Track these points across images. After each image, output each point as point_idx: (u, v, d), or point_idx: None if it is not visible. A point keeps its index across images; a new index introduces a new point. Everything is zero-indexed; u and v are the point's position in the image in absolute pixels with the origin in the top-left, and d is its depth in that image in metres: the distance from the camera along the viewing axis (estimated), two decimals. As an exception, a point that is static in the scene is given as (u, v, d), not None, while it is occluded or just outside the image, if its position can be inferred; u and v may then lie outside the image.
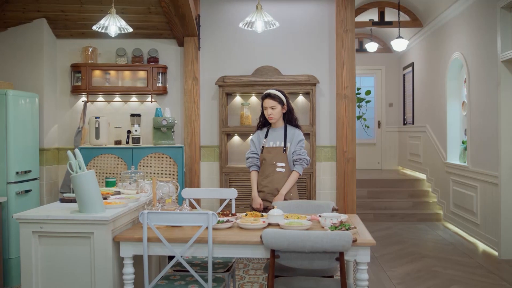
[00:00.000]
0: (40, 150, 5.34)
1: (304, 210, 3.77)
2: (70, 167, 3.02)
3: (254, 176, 4.19)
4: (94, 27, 3.96)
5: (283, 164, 4.09)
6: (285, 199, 4.00)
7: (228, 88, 5.75)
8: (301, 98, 5.86)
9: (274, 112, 4.09)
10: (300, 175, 4.13)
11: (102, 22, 3.88)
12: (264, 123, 4.25)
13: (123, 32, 4.07)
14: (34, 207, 4.26)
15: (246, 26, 3.67)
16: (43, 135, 5.49)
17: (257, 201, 4.09)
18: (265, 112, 4.14)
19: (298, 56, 5.85)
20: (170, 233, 3.07)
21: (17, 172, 4.80)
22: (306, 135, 5.75)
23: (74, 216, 2.95)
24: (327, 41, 5.81)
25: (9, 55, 5.51)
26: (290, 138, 4.12)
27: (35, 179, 5.14)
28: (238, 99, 5.96)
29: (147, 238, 2.93)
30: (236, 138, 5.98)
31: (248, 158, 4.24)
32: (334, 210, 3.67)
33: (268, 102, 4.09)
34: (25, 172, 4.92)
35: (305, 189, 5.62)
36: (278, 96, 4.10)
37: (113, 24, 3.88)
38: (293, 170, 4.11)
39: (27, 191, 4.94)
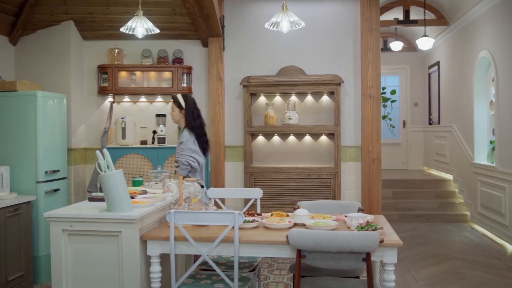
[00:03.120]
0: (68, 150, 5.44)
1: (330, 210, 3.76)
2: (99, 166, 3.06)
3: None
4: (121, 29, 4.02)
5: (176, 164, 4.42)
6: None
7: (252, 88, 5.76)
8: (325, 98, 5.84)
9: (173, 114, 4.46)
10: (183, 176, 4.13)
11: (129, 24, 3.93)
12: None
13: (150, 33, 4.12)
14: (62, 206, 4.35)
15: (272, 26, 3.67)
16: (70, 135, 5.59)
17: None
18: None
19: (323, 55, 5.82)
20: (196, 232, 3.09)
21: (46, 172, 4.89)
22: (331, 135, 5.73)
23: (102, 215, 3.00)
24: (352, 40, 5.77)
25: (38, 57, 5.62)
26: (180, 140, 4.41)
27: (63, 178, 5.23)
28: (262, 99, 5.96)
29: (173, 237, 2.96)
30: (260, 138, 5.99)
31: None
32: (360, 210, 3.65)
33: (171, 104, 4.54)
34: (54, 171, 5.02)
35: (330, 189, 5.60)
36: (178, 100, 4.44)
37: (140, 26, 3.93)
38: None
39: (55, 190, 5.03)
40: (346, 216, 3.22)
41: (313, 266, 2.96)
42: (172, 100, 4.49)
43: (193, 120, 4.41)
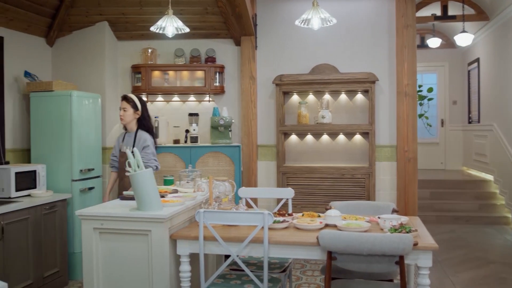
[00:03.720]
0: (102, 149, 5.51)
1: (362, 211, 3.67)
2: (129, 165, 3.07)
3: (112, 176, 4.41)
4: (151, 28, 4.03)
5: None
6: None
7: (285, 87, 5.70)
8: (359, 96, 5.72)
9: (125, 114, 4.22)
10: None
11: (159, 23, 3.94)
12: (125, 126, 4.38)
13: (180, 32, 4.11)
14: (96, 204, 4.41)
15: (303, 23, 3.61)
16: (105, 134, 5.67)
17: (104, 200, 4.34)
18: (119, 113, 4.30)
19: (357, 53, 5.71)
20: (226, 232, 3.06)
21: (81, 170, 4.98)
22: (365, 134, 5.62)
23: (132, 214, 3.01)
24: (387, 37, 5.63)
25: (73, 57, 5.72)
26: (137, 143, 4.19)
27: (98, 176, 5.31)
28: (295, 98, 5.90)
29: (203, 237, 2.94)
30: (293, 137, 5.93)
31: (110, 159, 4.45)
32: (394, 211, 3.55)
33: (122, 103, 4.24)
34: (88, 170, 5.10)
35: (364, 189, 5.48)
36: (133, 100, 4.23)
37: (170, 25, 3.93)
38: None
39: (90, 188, 5.11)
40: (379, 218, 3.13)
41: (345, 268, 2.89)
42: (124, 99, 4.24)
43: (149, 123, 4.32)
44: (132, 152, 3.15)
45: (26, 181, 4.50)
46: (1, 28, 4.87)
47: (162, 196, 3.51)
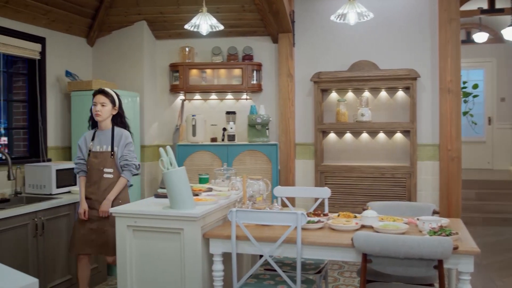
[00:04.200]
0: (141, 147, 5.58)
1: (401, 212, 3.55)
2: (162, 164, 3.07)
3: (82, 181, 3.82)
4: (186, 26, 4.03)
5: (111, 170, 3.75)
6: (112, 206, 3.65)
7: (323, 84, 5.61)
8: (400, 94, 5.55)
9: (103, 110, 3.75)
10: (128, 181, 3.83)
11: (193, 21, 3.93)
12: (94, 123, 3.90)
13: (214, 30, 4.09)
14: (134, 201, 4.45)
15: (338, 18, 3.51)
16: (144, 133, 5.73)
17: (83, 206, 3.71)
18: (93, 108, 3.77)
19: (397, 49, 5.54)
20: (259, 231, 3.02)
21: (120, 168, 5.03)
22: (406, 132, 5.45)
23: (164, 212, 3.00)
24: (429, 32, 5.44)
25: (113, 57, 5.82)
26: (118, 141, 3.79)
27: (136, 174, 5.35)
28: (334, 95, 5.79)
29: (235, 236, 2.91)
30: (332, 136, 5.82)
31: (75, 164, 3.86)
32: (434, 213, 3.41)
33: (99, 98, 3.76)
34: (127, 168, 5.15)
35: (404, 189, 5.32)
36: (111, 94, 3.82)
37: (204, 23, 3.91)
38: (120, 175, 3.78)
39: (129, 186, 5.16)
40: (418, 219, 3.01)
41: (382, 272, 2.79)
42: (102, 94, 3.78)
43: (125, 120, 3.95)
44: (165, 149, 3.15)
45: (67, 178, 4.59)
46: (43, 29, 5.00)
47: (196, 195, 3.50)
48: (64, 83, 5.27)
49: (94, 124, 3.88)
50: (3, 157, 4.33)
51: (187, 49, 5.85)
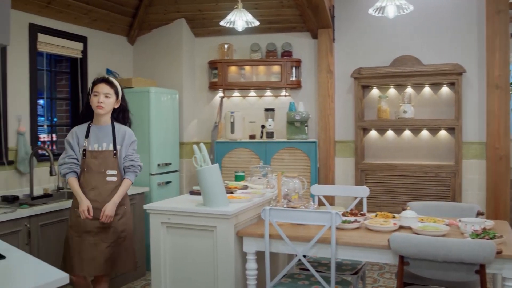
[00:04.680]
0: (180, 144, 5.62)
1: (443, 212, 3.40)
2: (195, 161, 3.06)
3: (74, 180, 3.22)
4: (221, 23, 4.01)
5: (114, 172, 3.25)
6: (117, 212, 3.25)
7: (364, 80, 5.47)
8: (445, 90, 5.34)
9: (107, 102, 3.23)
10: (132, 184, 3.38)
11: (229, 17, 3.91)
12: (86, 116, 3.34)
13: (250, 26, 4.05)
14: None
15: (377, 12, 3.40)
16: (182, 130, 5.77)
17: (85, 203, 3.14)
18: (93, 99, 3.22)
19: (441, 43, 5.32)
20: (294, 231, 2.97)
21: (159, 164, 5.09)
22: (451, 129, 5.24)
23: (197, 209, 3.00)
24: (475, 25, 5.19)
25: (153, 55, 5.88)
26: (121, 139, 3.30)
27: (175, 171, 5.42)
28: (375, 91, 5.64)
29: (268, 235, 2.87)
30: (373, 133, 5.67)
31: (64, 164, 3.22)
32: (478, 214, 3.25)
33: (103, 87, 3.22)
34: (166, 164, 5.21)
35: (449, 189, 5.12)
36: (115, 85, 3.32)
37: (239, 19, 3.88)
38: (124, 177, 3.31)
39: (167, 182, 5.22)
40: (460, 221, 2.88)
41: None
42: (106, 83, 3.27)
43: (129, 115, 3.48)
44: (199, 146, 3.14)
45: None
46: (85, 28, 5.11)
47: (231, 192, 3.48)
48: (106, 81, 5.38)
49: (85, 118, 3.35)
50: (46, 154, 4.45)
51: (225, 46, 5.84)
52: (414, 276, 2.91)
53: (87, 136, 3.25)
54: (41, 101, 5.01)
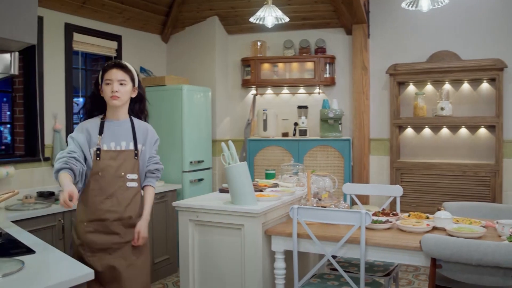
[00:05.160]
0: (212, 141, 5.63)
1: (480, 214, 3.28)
2: (223, 158, 3.05)
3: (67, 178, 2.42)
4: (251, 19, 3.98)
5: (135, 176, 2.66)
6: (141, 228, 2.64)
7: (400, 76, 5.33)
8: (485, 86, 5.14)
9: (123, 90, 2.62)
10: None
11: (258, 13, 3.87)
12: (90, 110, 2.74)
13: (279, 22, 4.00)
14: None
15: (410, 5, 3.29)
16: (215, 127, 5.78)
17: (69, 189, 2.31)
18: (106, 88, 2.61)
19: (480, 37, 5.12)
20: (323, 230, 2.91)
21: (191, 162, 5.12)
22: (491, 127, 5.05)
23: (225, 207, 2.98)
24: (519, 17, 4.98)
25: (186, 52, 5.91)
26: (143, 136, 2.75)
27: (208, 168, 5.43)
28: (411, 88, 5.49)
29: (296, 234, 2.82)
30: (409, 131, 5.53)
31: (61, 158, 2.51)
32: (518, 216, 3.10)
33: (116, 74, 2.62)
34: (198, 162, 5.23)
35: (489, 189, 4.93)
36: (130, 69, 2.70)
37: (269, 15, 3.84)
38: (147, 185, 2.77)
39: (200, 180, 5.24)
40: (497, 223, 2.75)
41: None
42: (119, 67, 2.65)
43: (147, 107, 2.88)
44: (227, 144, 3.12)
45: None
46: (119, 27, 5.18)
47: (260, 190, 3.45)
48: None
49: (90, 113, 2.74)
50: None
51: (258, 43, 5.81)
52: (447, 280, 2.80)
53: (101, 133, 2.63)
54: (76, 99, 5.11)
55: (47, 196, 3.98)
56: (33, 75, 4.25)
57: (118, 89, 2.60)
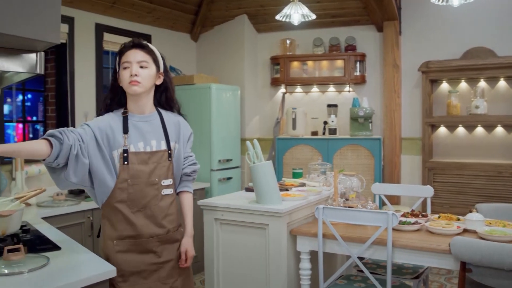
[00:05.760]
0: (241, 140, 5.63)
1: (515, 216, 3.15)
2: (248, 157, 3.03)
3: (42, 142, 1.90)
4: (277, 17, 3.94)
5: (170, 182, 2.24)
6: (177, 239, 2.29)
7: (432, 74, 5.19)
8: (522, 83, 4.97)
9: (144, 73, 2.15)
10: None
11: (284, 10, 3.83)
12: (110, 105, 2.26)
13: (306, 19, 3.95)
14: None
15: (440, 0, 3.19)
16: (244, 126, 5.77)
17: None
18: (123, 73, 2.16)
19: (519, 33, 4.95)
20: (349, 231, 2.86)
21: (219, 160, 5.12)
22: (528, 126, 4.87)
23: (249, 206, 2.96)
24: (559, 12, 4.78)
25: (215, 51, 5.92)
26: (175, 133, 2.30)
27: (236, 167, 5.43)
28: (444, 86, 5.34)
29: (321, 234, 2.78)
30: (442, 130, 5.39)
31: (63, 131, 1.99)
32: (555, 219, 2.97)
33: (136, 54, 2.16)
34: (227, 160, 5.23)
35: (526, 190, 4.76)
36: (153, 50, 2.24)
37: (295, 12, 3.80)
38: (183, 190, 2.37)
39: (228, 178, 5.24)
40: (532, 226, 2.64)
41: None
42: (139, 47, 2.20)
43: (175, 95, 2.37)
44: (252, 143, 3.10)
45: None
46: (148, 27, 5.23)
47: (286, 189, 3.42)
48: (171, 78, 5.49)
49: (110, 108, 2.25)
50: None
51: (288, 41, 5.77)
52: (478, 284, 2.70)
53: (126, 131, 2.15)
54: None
55: (78, 193, 4.05)
56: (65, 75, 4.34)
57: (138, 72, 2.13)
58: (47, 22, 1.87)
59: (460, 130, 5.29)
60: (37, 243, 2.34)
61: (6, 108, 4.17)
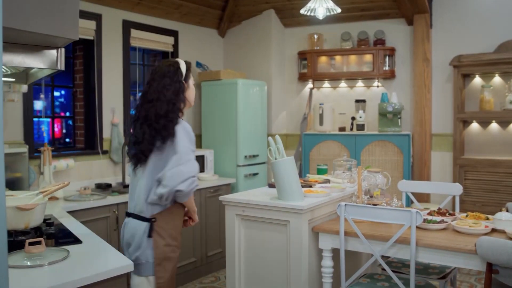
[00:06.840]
0: (268, 136, 5.59)
1: (548, 216, 3.02)
2: (270, 153, 3.01)
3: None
4: (301, 11, 3.89)
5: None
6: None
7: (464, 68, 5.04)
8: (560, 77, 4.77)
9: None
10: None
11: (309, 4, 3.78)
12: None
13: (331, 13, 3.88)
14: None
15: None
16: (271, 122, 5.74)
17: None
18: (193, 90, 2.69)
19: (557, 25, 4.75)
20: (373, 229, 2.81)
21: (246, 156, 5.12)
22: None
23: (270, 203, 2.94)
24: None
25: (242, 46, 5.91)
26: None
27: (263, 163, 5.41)
28: (477, 80, 5.18)
29: (343, 232, 2.74)
30: (474, 126, 5.23)
31: (195, 176, 2.40)
32: None
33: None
34: (253, 156, 5.22)
35: (562, 189, 4.57)
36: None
37: (320, 6, 3.74)
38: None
39: (254, 174, 5.23)
40: None
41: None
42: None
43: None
44: (274, 139, 3.07)
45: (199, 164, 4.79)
46: (176, 23, 5.26)
47: (310, 186, 3.39)
48: (195, 73, 5.50)
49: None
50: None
51: (315, 36, 5.70)
52: (505, 287, 2.62)
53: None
54: (134, 94, 5.24)
55: (105, 188, 4.12)
56: (93, 71, 4.41)
57: None
58: (66, 18, 1.89)
59: (494, 126, 5.12)
60: (59, 237, 2.38)
61: (39, 104, 4.26)
